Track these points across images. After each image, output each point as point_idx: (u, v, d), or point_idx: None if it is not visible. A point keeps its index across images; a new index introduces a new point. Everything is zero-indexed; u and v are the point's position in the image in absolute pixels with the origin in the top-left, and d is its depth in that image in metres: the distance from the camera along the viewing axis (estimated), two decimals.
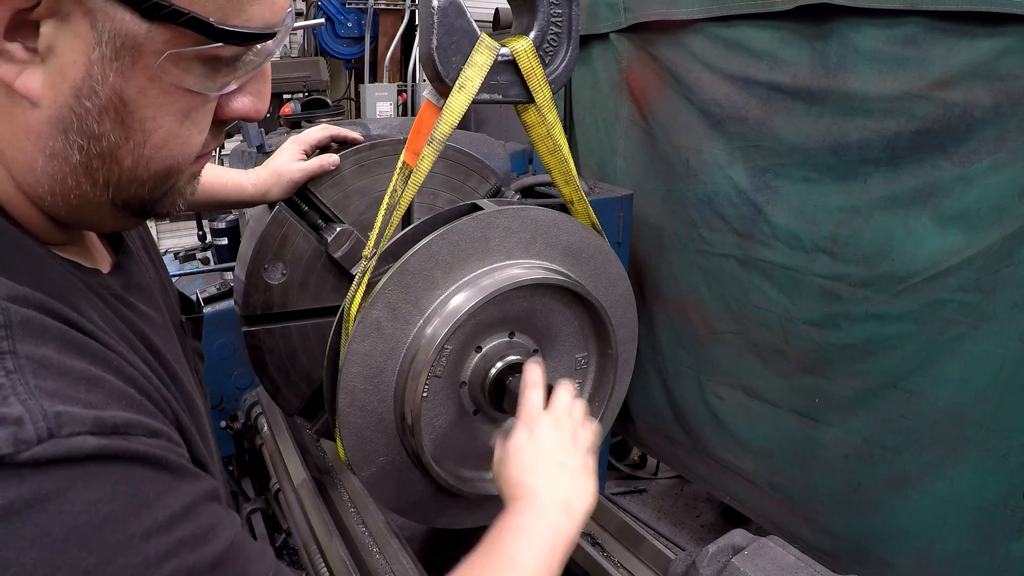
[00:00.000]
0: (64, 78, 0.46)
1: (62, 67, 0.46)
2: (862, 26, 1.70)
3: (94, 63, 0.45)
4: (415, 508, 1.14)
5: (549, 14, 1.05)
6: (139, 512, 0.45)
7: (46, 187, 0.51)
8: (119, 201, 0.54)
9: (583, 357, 1.20)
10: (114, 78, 0.46)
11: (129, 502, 0.44)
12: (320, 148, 1.42)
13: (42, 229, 0.56)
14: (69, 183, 0.50)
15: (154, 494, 0.47)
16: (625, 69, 2.51)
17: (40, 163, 0.49)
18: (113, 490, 0.44)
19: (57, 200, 0.52)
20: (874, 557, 1.95)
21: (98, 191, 0.52)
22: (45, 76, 0.46)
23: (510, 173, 2.32)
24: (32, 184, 0.51)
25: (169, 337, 0.71)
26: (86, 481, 0.43)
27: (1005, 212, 1.55)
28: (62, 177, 0.50)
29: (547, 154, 1.14)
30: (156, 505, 0.46)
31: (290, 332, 1.43)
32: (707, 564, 1.05)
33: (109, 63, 0.45)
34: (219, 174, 1.35)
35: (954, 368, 1.70)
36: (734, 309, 2.23)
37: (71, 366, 0.46)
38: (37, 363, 0.44)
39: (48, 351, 0.45)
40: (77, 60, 0.45)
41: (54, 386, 0.44)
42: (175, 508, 0.47)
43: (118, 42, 0.45)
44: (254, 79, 0.56)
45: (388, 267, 1.03)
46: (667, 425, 2.64)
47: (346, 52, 5.25)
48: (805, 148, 1.91)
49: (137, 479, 0.46)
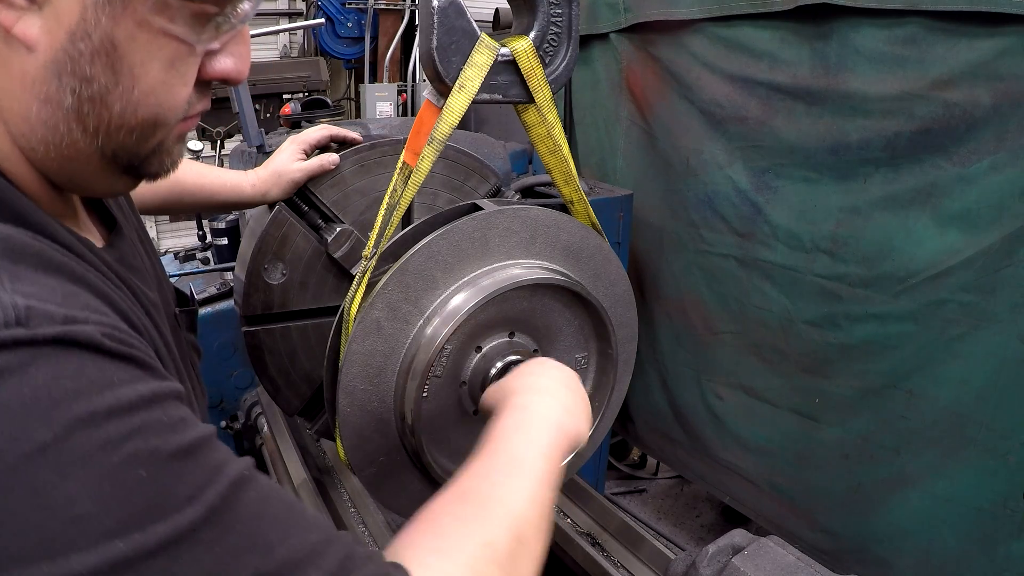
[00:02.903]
0: (60, 23, 0.49)
1: (58, 13, 0.48)
2: (862, 26, 1.70)
3: (88, 8, 0.48)
4: (415, 508, 1.14)
5: (549, 14, 1.05)
6: (102, 392, 0.44)
7: (39, 136, 0.53)
8: (108, 151, 0.56)
9: (583, 357, 1.20)
10: (106, 22, 0.49)
11: (93, 382, 0.44)
12: (320, 148, 1.42)
13: (39, 194, 0.57)
14: (61, 130, 0.53)
15: (119, 380, 0.45)
16: (625, 69, 2.51)
17: (34, 110, 0.52)
18: (78, 370, 0.43)
19: (50, 151, 0.54)
20: (874, 557, 1.95)
21: (88, 139, 0.54)
22: (42, 22, 0.49)
23: (510, 173, 2.32)
24: (27, 135, 0.53)
25: (164, 324, 0.71)
26: (49, 359, 0.42)
27: (1005, 212, 1.55)
28: (54, 124, 0.52)
29: (547, 154, 1.14)
30: (122, 388, 0.45)
31: (290, 332, 1.43)
32: (707, 564, 1.05)
33: (102, 8, 0.49)
34: (218, 175, 1.35)
35: (954, 368, 1.70)
36: (734, 309, 2.23)
37: (46, 282, 0.47)
38: (12, 274, 0.45)
39: (24, 269, 0.46)
40: (72, 7, 0.48)
41: (29, 290, 0.44)
42: (143, 392, 0.46)
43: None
44: (234, 41, 0.59)
45: (388, 267, 1.03)
46: (667, 425, 2.64)
47: (346, 52, 5.25)
48: (805, 148, 1.91)
49: (103, 366, 0.45)
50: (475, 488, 0.68)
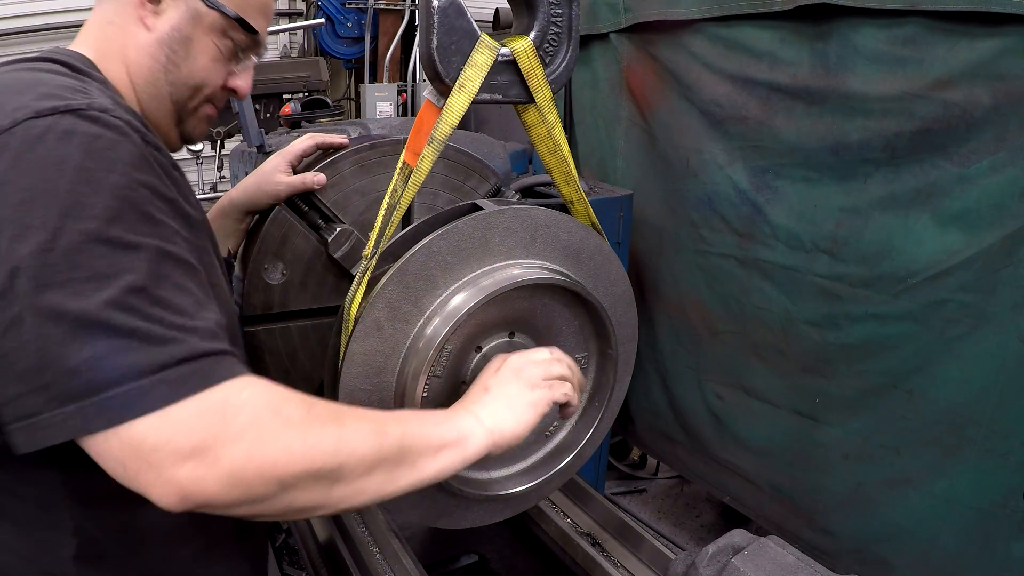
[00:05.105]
0: (166, 20, 0.90)
1: (167, 13, 0.90)
2: (862, 26, 1.70)
3: (181, 15, 0.90)
4: (415, 508, 1.14)
5: (549, 14, 1.05)
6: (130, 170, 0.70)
7: (144, 79, 0.91)
8: (173, 98, 0.93)
9: (583, 357, 1.20)
10: (188, 27, 0.91)
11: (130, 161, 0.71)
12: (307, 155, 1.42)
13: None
14: (156, 76, 0.91)
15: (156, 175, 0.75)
16: (625, 69, 2.51)
17: (146, 64, 0.90)
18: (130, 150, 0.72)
19: (147, 90, 0.92)
20: (874, 557, 1.94)
21: (167, 85, 0.92)
22: (156, 17, 0.90)
23: (510, 173, 2.32)
24: (138, 82, 0.91)
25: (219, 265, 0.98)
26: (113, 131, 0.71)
27: (1005, 212, 1.55)
28: (153, 74, 0.91)
29: (547, 154, 1.14)
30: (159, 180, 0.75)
31: (290, 332, 1.43)
32: (707, 564, 1.05)
33: (187, 19, 0.90)
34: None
35: (954, 368, 1.70)
36: (734, 309, 2.23)
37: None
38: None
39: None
40: (175, 16, 0.90)
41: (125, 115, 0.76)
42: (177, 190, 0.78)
43: (192, 12, 0.90)
44: (245, 72, 1.01)
45: (388, 267, 1.03)
46: (667, 425, 2.64)
47: (346, 52, 5.24)
48: (805, 148, 1.91)
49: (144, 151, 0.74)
50: (350, 416, 0.75)
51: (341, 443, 0.71)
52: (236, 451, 0.64)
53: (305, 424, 0.69)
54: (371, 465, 0.73)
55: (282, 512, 0.69)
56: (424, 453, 0.78)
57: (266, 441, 0.66)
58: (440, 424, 0.83)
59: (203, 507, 0.65)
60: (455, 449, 0.82)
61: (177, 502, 0.63)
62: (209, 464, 0.63)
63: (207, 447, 0.63)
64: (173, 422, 0.63)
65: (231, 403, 0.66)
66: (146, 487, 0.63)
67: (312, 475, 0.68)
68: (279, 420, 0.68)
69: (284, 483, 0.66)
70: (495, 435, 0.85)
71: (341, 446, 0.71)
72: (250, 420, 0.66)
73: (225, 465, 0.63)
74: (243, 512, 0.67)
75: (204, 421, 0.64)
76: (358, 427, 0.74)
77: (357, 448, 0.72)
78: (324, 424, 0.71)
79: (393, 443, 0.75)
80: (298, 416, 0.70)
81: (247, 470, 0.64)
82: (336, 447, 0.70)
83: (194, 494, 0.63)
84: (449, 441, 0.82)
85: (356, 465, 0.71)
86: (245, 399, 0.67)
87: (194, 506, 0.64)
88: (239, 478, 0.64)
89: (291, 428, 0.68)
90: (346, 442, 0.71)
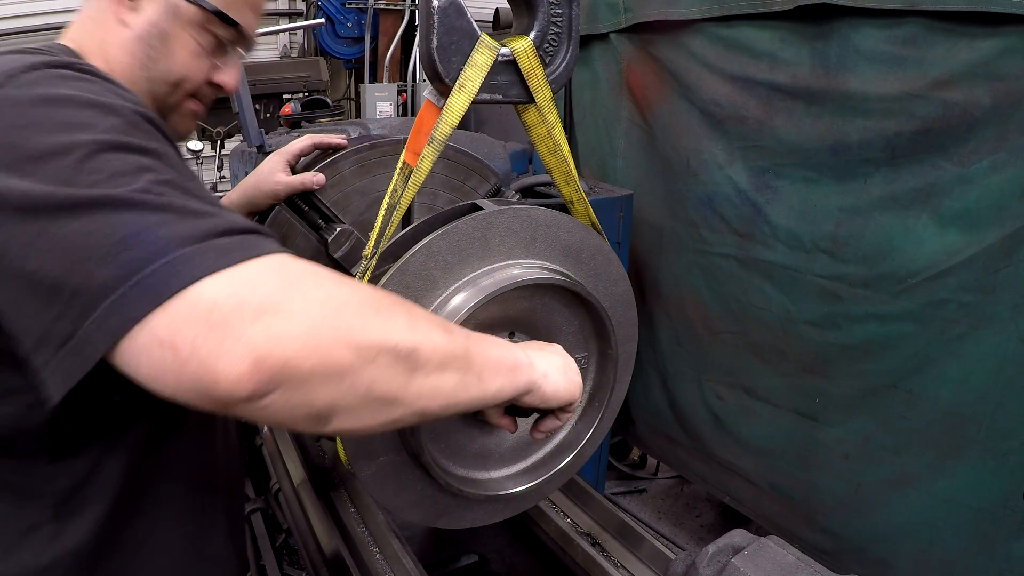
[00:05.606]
0: (144, 17, 0.88)
1: (145, 10, 0.88)
2: (862, 26, 1.70)
3: (159, 12, 0.88)
4: (415, 508, 1.14)
5: (549, 14, 1.05)
6: (129, 104, 0.71)
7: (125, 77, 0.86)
8: (152, 93, 0.91)
9: (583, 357, 1.20)
10: (166, 23, 0.89)
11: (129, 99, 0.72)
12: (321, 152, 1.42)
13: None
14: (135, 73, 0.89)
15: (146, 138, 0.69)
16: (625, 69, 2.51)
17: (125, 61, 0.89)
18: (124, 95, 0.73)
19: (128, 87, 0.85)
20: (874, 557, 1.95)
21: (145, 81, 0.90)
22: (135, 14, 0.88)
23: (510, 173, 2.32)
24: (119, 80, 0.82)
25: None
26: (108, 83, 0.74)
27: (1005, 212, 1.55)
28: (132, 69, 0.89)
29: (547, 154, 1.14)
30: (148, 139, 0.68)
31: None
32: (707, 564, 1.05)
33: (165, 16, 0.89)
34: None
35: (954, 368, 1.70)
36: (734, 309, 2.23)
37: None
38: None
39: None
40: (152, 12, 0.88)
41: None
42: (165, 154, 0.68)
43: (170, 7, 0.88)
44: (231, 67, 0.97)
45: (388, 267, 1.03)
46: (667, 425, 2.64)
47: (346, 52, 5.24)
48: (805, 148, 1.91)
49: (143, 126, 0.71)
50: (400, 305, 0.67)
51: (414, 323, 0.64)
52: (311, 309, 0.56)
53: (375, 295, 0.63)
54: (444, 360, 0.66)
55: (362, 399, 0.59)
56: (486, 367, 0.73)
57: (339, 304, 0.58)
58: (499, 346, 0.80)
59: (278, 377, 0.53)
60: (512, 375, 0.78)
61: (250, 367, 0.52)
62: (285, 319, 0.54)
63: (278, 303, 0.54)
64: (233, 279, 0.55)
65: (292, 267, 0.58)
66: (210, 362, 0.51)
67: (389, 350, 0.60)
68: (348, 288, 0.61)
69: (363, 353, 0.58)
70: (539, 379, 0.83)
71: (415, 326, 0.64)
72: (316, 283, 0.58)
73: (303, 321, 0.55)
74: (323, 395, 0.56)
75: (270, 276, 0.56)
76: (427, 316, 0.69)
77: (429, 335, 0.65)
78: (394, 302, 0.65)
79: (460, 345, 0.70)
80: (365, 288, 0.64)
81: (323, 329, 0.56)
82: (410, 325, 0.64)
83: (271, 354, 0.52)
84: (507, 365, 0.78)
85: (431, 354, 0.64)
86: (306, 266, 0.60)
87: (270, 373, 0.53)
88: (318, 338, 0.55)
89: (362, 293, 0.62)
90: (418, 324, 0.65)
